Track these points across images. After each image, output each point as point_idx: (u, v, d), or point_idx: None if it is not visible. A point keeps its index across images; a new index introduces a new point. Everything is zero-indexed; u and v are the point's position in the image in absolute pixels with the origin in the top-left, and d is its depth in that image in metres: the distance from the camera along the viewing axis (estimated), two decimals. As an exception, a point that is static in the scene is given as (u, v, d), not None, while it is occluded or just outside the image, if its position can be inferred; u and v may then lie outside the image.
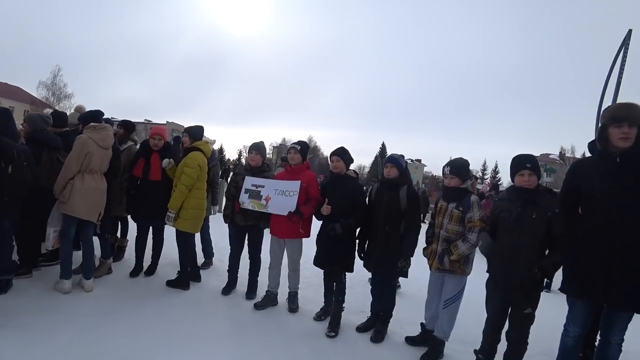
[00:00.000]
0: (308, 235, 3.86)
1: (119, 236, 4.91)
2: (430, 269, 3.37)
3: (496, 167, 66.70)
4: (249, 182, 3.98)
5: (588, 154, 3.28)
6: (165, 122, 54.39)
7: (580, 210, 2.74)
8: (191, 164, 3.99)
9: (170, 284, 4.19)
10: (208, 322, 3.52)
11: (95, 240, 4.24)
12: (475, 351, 3.11)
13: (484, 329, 3.08)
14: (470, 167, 3.58)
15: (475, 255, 3.24)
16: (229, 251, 4.28)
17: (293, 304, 3.97)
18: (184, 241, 4.21)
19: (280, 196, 3.73)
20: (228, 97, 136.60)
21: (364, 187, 4.19)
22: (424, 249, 3.42)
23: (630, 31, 13.99)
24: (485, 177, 62.07)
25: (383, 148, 71.81)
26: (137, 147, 4.64)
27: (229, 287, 4.25)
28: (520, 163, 2.81)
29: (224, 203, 4.49)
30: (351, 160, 3.68)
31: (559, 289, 2.79)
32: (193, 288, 4.23)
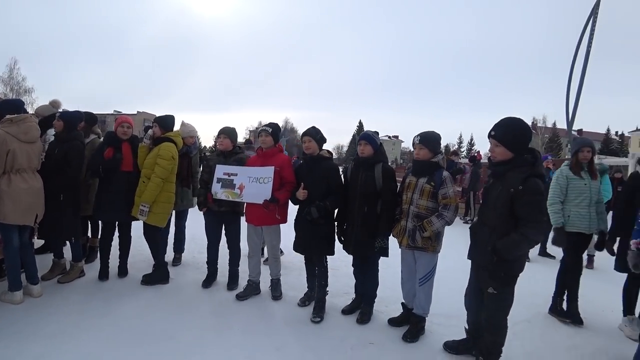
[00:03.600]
0: (285, 221, 3.75)
1: (90, 236, 4.69)
2: (400, 247, 3.28)
3: (472, 139, 68.52)
4: (220, 170, 3.80)
5: (561, 125, 3.13)
6: (135, 112, 52.81)
7: None
8: (165, 155, 3.81)
9: (148, 280, 4.03)
10: (189, 317, 3.41)
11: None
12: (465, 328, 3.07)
13: None
14: (448, 142, 3.48)
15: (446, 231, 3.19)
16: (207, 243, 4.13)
17: (276, 292, 3.89)
18: (155, 234, 4.03)
19: (254, 184, 3.58)
20: (201, 82, 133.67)
21: (343, 167, 4.07)
22: (393, 228, 3.29)
23: (598, 1, 14.15)
24: (462, 150, 63.46)
25: (360, 126, 72.04)
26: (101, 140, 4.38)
27: (210, 279, 4.13)
28: (489, 133, 2.63)
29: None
30: (324, 140, 3.53)
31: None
32: (172, 283, 4.11)
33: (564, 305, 3.79)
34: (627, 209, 3.39)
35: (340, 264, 4.34)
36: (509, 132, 2.53)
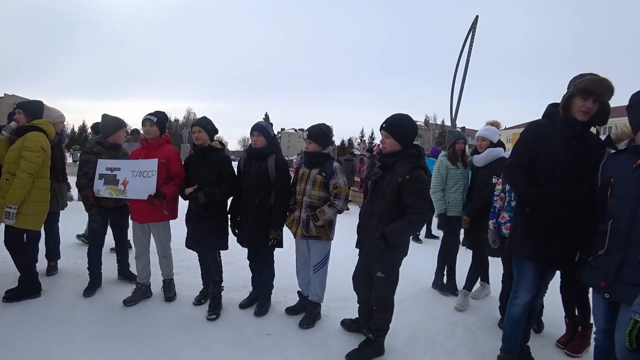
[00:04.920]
0: (175, 217, 3.55)
1: None
2: (294, 237, 3.33)
3: (372, 133, 74.03)
4: (102, 165, 3.46)
5: (448, 122, 3.45)
6: (2, 95, 45.57)
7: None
8: (32, 147, 3.25)
9: (12, 295, 3.46)
10: (67, 330, 3.04)
11: None
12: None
13: None
14: (351, 135, 3.62)
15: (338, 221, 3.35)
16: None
17: (169, 292, 3.66)
18: (19, 241, 3.46)
19: (138, 178, 3.31)
20: (91, 62, 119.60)
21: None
22: (287, 218, 3.33)
23: (477, 17, 16.20)
24: (365, 142, 68.09)
25: (266, 118, 72.19)
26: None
27: (92, 286, 3.72)
28: (380, 126, 2.80)
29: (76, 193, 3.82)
30: (215, 131, 3.41)
31: (506, 252, 2.77)
32: (45, 296, 3.57)
33: (445, 280, 4.23)
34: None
35: (240, 257, 4.23)
36: (398, 125, 2.74)
